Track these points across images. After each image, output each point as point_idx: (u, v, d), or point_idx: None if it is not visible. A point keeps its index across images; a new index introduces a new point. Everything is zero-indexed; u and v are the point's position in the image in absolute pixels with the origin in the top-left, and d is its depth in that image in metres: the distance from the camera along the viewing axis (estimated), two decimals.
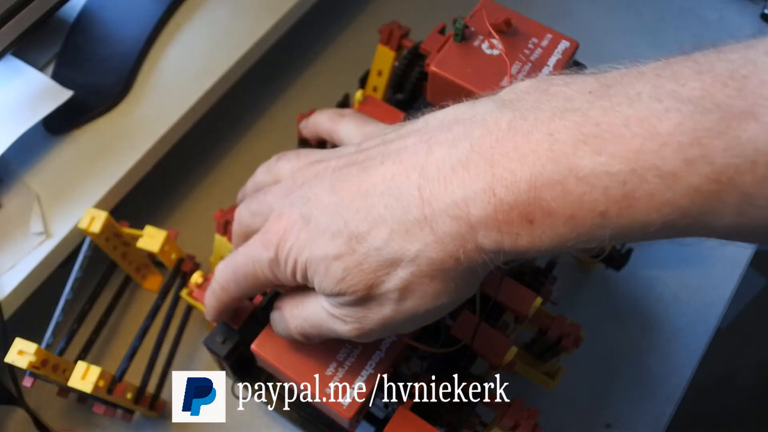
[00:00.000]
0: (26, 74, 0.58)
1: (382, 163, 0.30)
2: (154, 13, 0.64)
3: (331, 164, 0.33)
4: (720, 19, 0.81)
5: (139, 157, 0.56)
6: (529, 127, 0.26)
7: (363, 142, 0.34)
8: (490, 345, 0.41)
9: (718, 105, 0.22)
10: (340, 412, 0.36)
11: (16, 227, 0.53)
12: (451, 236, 0.27)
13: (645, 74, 0.26)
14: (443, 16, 0.80)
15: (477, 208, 0.26)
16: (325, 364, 0.37)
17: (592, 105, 0.25)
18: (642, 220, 0.23)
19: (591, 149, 0.24)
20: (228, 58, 0.61)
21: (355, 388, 0.37)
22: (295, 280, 0.32)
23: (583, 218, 0.24)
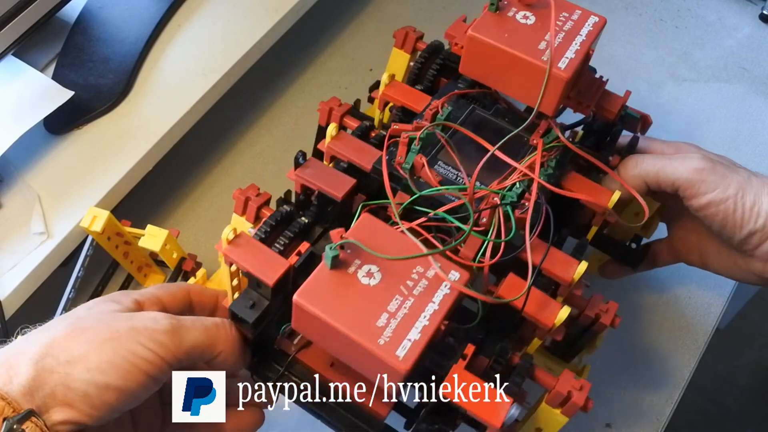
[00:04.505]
0: (27, 75, 0.58)
1: None
2: (154, 13, 0.64)
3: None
4: (719, 20, 0.81)
5: (139, 157, 0.57)
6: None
7: None
8: (541, 308, 0.39)
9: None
10: (394, 365, 0.33)
11: (17, 227, 0.53)
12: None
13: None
14: (443, 15, 0.80)
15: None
16: (375, 315, 0.34)
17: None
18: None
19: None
20: (228, 59, 0.62)
21: (411, 338, 0.34)
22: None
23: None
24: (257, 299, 0.39)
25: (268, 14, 0.64)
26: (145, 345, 0.34)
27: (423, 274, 0.36)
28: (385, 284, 0.35)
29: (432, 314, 0.35)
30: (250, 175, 0.66)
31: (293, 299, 0.35)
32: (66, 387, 0.32)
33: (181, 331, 0.36)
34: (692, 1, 0.82)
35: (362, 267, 0.36)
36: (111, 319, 0.36)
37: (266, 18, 0.64)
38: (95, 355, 0.34)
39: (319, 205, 0.44)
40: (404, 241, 0.37)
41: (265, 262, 0.39)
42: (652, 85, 0.75)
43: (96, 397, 0.33)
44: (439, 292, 0.36)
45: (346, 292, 0.35)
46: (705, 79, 0.76)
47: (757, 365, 1.45)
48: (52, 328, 0.35)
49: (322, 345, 0.37)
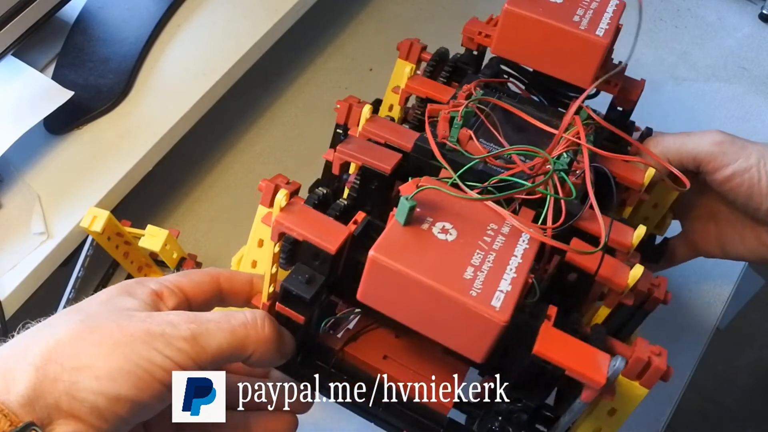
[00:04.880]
0: (27, 75, 0.58)
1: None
2: (154, 13, 0.64)
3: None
4: (719, 19, 0.81)
5: (139, 157, 0.57)
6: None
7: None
8: (612, 270, 0.38)
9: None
10: (492, 316, 0.30)
11: (17, 227, 0.53)
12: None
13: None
14: (443, 15, 0.80)
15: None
16: (460, 269, 0.31)
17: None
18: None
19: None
20: (228, 58, 0.62)
21: (503, 290, 0.31)
22: None
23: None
24: (312, 275, 0.35)
25: (268, 14, 0.64)
26: (161, 352, 0.31)
27: (498, 230, 0.34)
28: (464, 240, 0.33)
29: (518, 267, 0.32)
30: (250, 175, 0.67)
31: (369, 256, 0.31)
32: (71, 397, 0.29)
33: (203, 338, 0.33)
34: (692, 1, 0.82)
35: (435, 224, 0.33)
36: (124, 318, 0.32)
37: (266, 18, 0.64)
38: (105, 361, 0.30)
39: (361, 182, 0.40)
40: (471, 203, 0.35)
41: (323, 228, 0.35)
42: (652, 85, 0.75)
43: (106, 409, 0.30)
44: (519, 247, 0.33)
45: (424, 247, 0.32)
46: (705, 79, 0.76)
47: (757, 365, 1.45)
48: (56, 327, 0.31)
49: (396, 311, 0.33)
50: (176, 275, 0.37)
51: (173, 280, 0.37)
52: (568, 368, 0.32)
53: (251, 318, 0.35)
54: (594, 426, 0.38)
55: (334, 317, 0.40)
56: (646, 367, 0.35)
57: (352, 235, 0.35)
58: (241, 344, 0.34)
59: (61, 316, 0.32)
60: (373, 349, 0.39)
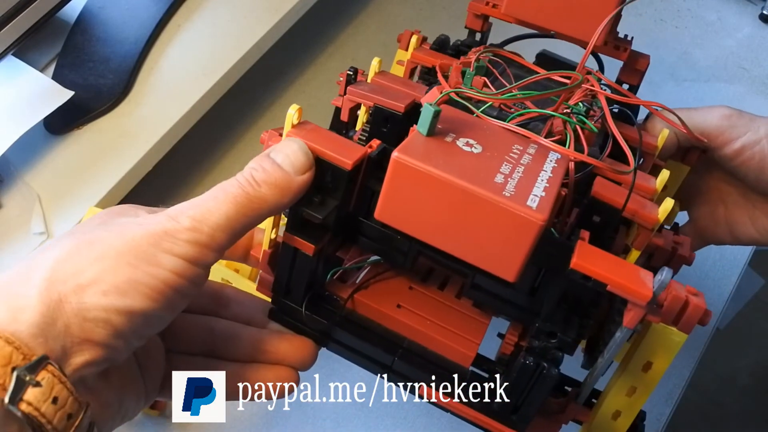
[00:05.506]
0: (27, 75, 0.58)
1: None
2: (154, 13, 0.64)
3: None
4: (719, 20, 0.81)
5: (139, 157, 0.57)
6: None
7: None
8: (640, 206, 0.35)
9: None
10: (529, 214, 0.27)
11: (17, 227, 0.53)
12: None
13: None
14: (443, 15, 0.80)
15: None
16: (490, 174, 0.29)
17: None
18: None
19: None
20: (228, 59, 0.62)
21: (537, 194, 0.28)
22: None
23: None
24: (324, 198, 0.32)
25: (268, 14, 0.64)
26: (169, 251, 0.28)
27: (524, 150, 0.31)
28: (490, 153, 0.30)
29: (549, 179, 0.30)
30: None
31: (392, 158, 0.28)
32: (82, 318, 0.26)
33: (207, 220, 0.29)
34: (692, 2, 0.82)
35: (459, 139, 0.30)
36: (122, 227, 0.29)
37: (266, 18, 0.64)
38: (111, 274, 0.27)
39: (372, 126, 0.37)
40: (494, 128, 0.33)
41: (338, 145, 0.32)
42: (652, 85, 0.75)
43: (120, 325, 0.27)
44: (547, 164, 0.31)
45: (450, 155, 0.29)
46: (705, 79, 0.76)
47: (757, 365, 1.45)
48: (53, 248, 0.28)
49: (419, 227, 0.30)
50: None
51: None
52: (610, 282, 0.29)
53: (248, 174, 0.31)
54: (628, 385, 0.35)
55: (341, 268, 0.37)
56: (682, 309, 0.32)
57: (369, 157, 0.32)
58: (248, 206, 0.30)
59: (58, 239, 0.29)
60: (386, 298, 0.36)
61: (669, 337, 0.34)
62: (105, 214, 0.31)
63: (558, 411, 0.35)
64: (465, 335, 0.35)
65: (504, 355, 0.35)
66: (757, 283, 1.49)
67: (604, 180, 0.35)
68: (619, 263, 0.30)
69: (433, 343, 0.35)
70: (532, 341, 0.32)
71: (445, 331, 0.35)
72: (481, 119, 0.33)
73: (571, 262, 0.29)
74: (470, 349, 0.35)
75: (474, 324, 0.36)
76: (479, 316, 0.37)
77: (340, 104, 0.40)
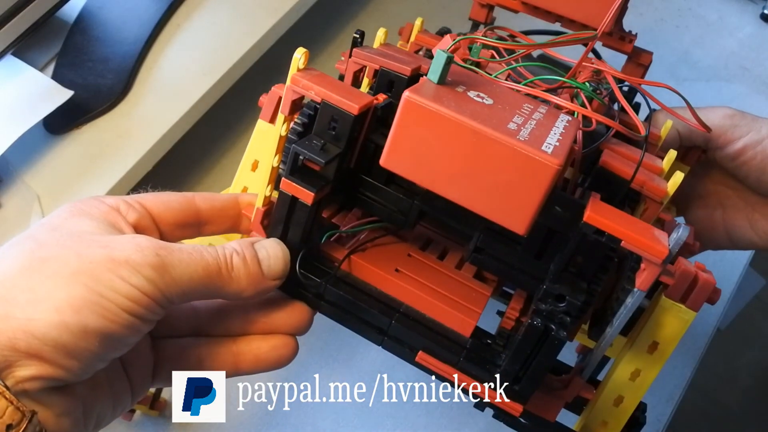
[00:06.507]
0: (27, 74, 0.58)
1: None
2: (153, 13, 0.64)
3: None
4: (720, 19, 0.81)
5: (139, 157, 0.56)
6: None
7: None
8: (648, 178, 0.34)
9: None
10: (544, 158, 0.26)
11: (17, 227, 0.53)
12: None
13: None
14: (443, 15, 0.80)
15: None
16: (503, 121, 0.27)
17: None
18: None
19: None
20: (228, 59, 0.61)
21: (551, 143, 0.27)
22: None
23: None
24: (326, 144, 0.30)
25: (268, 14, 0.64)
26: (127, 280, 0.27)
27: (535, 109, 0.30)
28: (501, 106, 0.29)
29: (561, 133, 0.28)
30: None
31: (403, 98, 0.27)
32: (29, 335, 0.25)
33: (173, 268, 0.28)
34: (693, 1, 0.82)
35: (470, 91, 0.29)
36: (81, 244, 0.28)
37: (266, 18, 0.64)
38: (64, 291, 0.26)
39: (378, 87, 0.35)
40: (503, 88, 0.32)
41: (345, 91, 0.30)
42: None
43: (72, 345, 0.26)
44: (558, 122, 0.30)
45: (461, 102, 0.28)
46: (706, 79, 0.76)
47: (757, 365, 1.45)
48: (3, 260, 0.27)
49: (428, 174, 0.28)
50: (144, 194, 0.33)
51: (139, 199, 0.32)
52: (624, 237, 0.27)
53: (228, 253, 0.31)
54: (632, 367, 0.34)
55: (338, 231, 0.36)
56: (692, 285, 0.31)
57: (375, 107, 0.31)
58: (214, 281, 0.30)
59: (9, 247, 0.28)
60: (383, 262, 0.35)
61: (677, 314, 0.32)
62: (65, 214, 0.30)
63: (561, 387, 0.34)
64: (466, 303, 0.34)
65: (504, 330, 0.34)
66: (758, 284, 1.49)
67: (612, 152, 0.34)
68: (633, 220, 0.29)
69: (432, 309, 0.34)
70: (539, 304, 0.30)
71: (445, 298, 0.34)
72: (491, 80, 0.32)
73: (585, 215, 0.28)
74: (471, 317, 0.33)
75: (474, 294, 0.35)
76: (480, 288, 0.36)
77: (343, 69, 0.39)
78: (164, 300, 0.28)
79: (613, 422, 0.35)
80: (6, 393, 0.25)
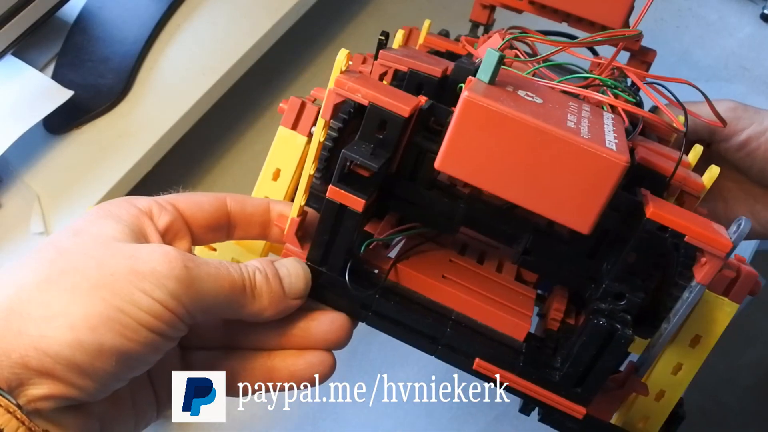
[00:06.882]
0: (27, 74, 0.58)
1: None
2: (153, 13, 0.64)
3: None
4: (720, 19, 0.81)
5: (139, 157, 0.56)
6: None
7: None
8: (685, 174, 0.34)
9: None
10: (610, 155, 0.26)
11: (17, 227, 0.53)
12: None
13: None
14: (443, 15, 0.80)
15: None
16: (561, 120, 0.27)
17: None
18: None
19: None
20: (228, 58, 0.61)
21: (610, 141, 0.27)
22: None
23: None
24: (374, 150, 0.29)
25: (268, 14, 0.64)
26: (149, 294, 0.26)
27: (580, 107, 0.30)
28: (551, 105, 0.29)
29: (614, 130, 0.28)
30: (249, 175, 0.66)
31: (462, 98, 0.26)
32: (41, 352, 0.24)
33: (199, 282, 0.27)
34: (693, 1, 0.82)
35: (519, 90, 0.29)
36: (105, 252, 0.27)
37: (266, 18, 0.64)
38: (81, 307, 0.25)
39: (407, 89, 0.34)
40: (542, 86, 0.31)
41: (390, 93, 0.29)
42: None
43: (86, 365, 0.25)
44: (606, 119, 0.30)
45: (517, 101, 0.27)
46: (706, 79, 0.76)
47: (758, 365, 1.45)
48: (20, 270, 0.26)
49: (486, 176, 0.27)
50: (175, 195, 0.32)
51: (171, 200, 0.31)
52: (689, 231, 0.27)
53: (251, 270, 0.30)
54: (675, 362, 0.34)
55: (376, 239, 0.34)
56: (734, 278, 0.31)
57: (420, 110, 0.30)
58: (238, 298, 0.29)
59: (30, 257, 0.27)
60: (429, 269, 0.34)
61: (720, 307, 0.32)
62: (92, 216, 0.29)
63: (616, 387, 0.33)
64: (517, 307, 0.33)
65: (551, 332, 0.34)
66: None
67: (646, 149, 0.34)
68: (692, 215, 0.29)
69: (485, 315, 0.33)
70: (598, 304, 0.30)
71: (496, 303, 0.33)
72: (531, 79, 0.32)
73: (648, 212, 0.28)
74: (525, 321, 0.32)
75: (521, 297, 0.34)
76: (524, 290, 0.35)
77: (365, 69, 0.38)
78: (187, 316, 0.27)
79: (654, 417, 0.34)
80: (17, 413, 0.24)
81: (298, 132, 0.36)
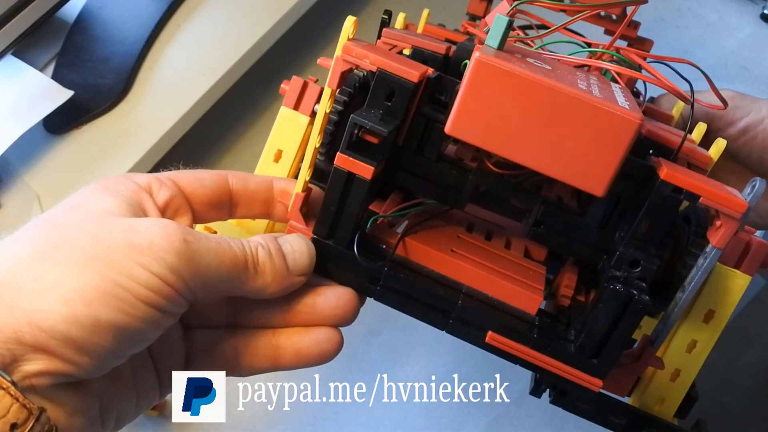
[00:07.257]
0: (27, 74, 0.58)
1: None
2: (153, 13, 0.64)
3: None
4: (720, 19, 0.81)
5: (139, 157, 0.56)
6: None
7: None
8: (691, 147, 0.33)
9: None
10: (625, 114, 0.25)
11: (17, 227, 0.53)
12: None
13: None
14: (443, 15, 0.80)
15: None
16: (572, 83, 0.27)
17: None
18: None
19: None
20: (228, 58, 0.62)
21: (621, 103, 0.26)
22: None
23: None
24: (383, 117, 0.29)
25: (268, 14, 0.64)
26: (147, 268, 0.25)
27: (588, 76, 0.30)
28: (561, 72, 0.28)
29: (623, 95, 0.28)
30: None
31: (473, 59, 0.25)
32: (36, 327, 0.23)
33: (199, 257, 0.26)
34: (693, 1, 0.82)
35: (527, 58, 0.28)
36: (101, 226, 0.26)
37: (266, 18, 0.64)
38: (76, 280, 0.24)
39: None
40: (549, 57, 0.31)
41: (398, 60, 0.29)
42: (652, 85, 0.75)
43: (83, 339, 0.24)
44: (615, 88, 0.29)
45: (528, 65, 0.27)
46: None
47: (758, 365, 1.45)
48: (14, 245, 0.26)
49: (498, 139, 0.27)
50: (175, 172, 0.31)
51: (166, 173, 0.30)
52: (704, 192, 0.27)
53: (253, 246, 0.29)
54: (689, 338, 0.33)
55: (382, 216, 0.33)
56: (745, 250, 0.30)
57: (428, 79, 0.29)
58: (240, 274, 0.28)
59: (25, 231, 0.26)
60: (437, 243, 0.33)
61: (732, 279, 0.31)
62: (88, 192, 0.28)
63: (631, 361, 0.32)
64: (528, 281, 0.33)
65: (562, 307, 0.33)
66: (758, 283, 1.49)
67: (651, 123, 0.34)
68: (703, 177, 0.28)
69: (496, 289, 0.32)
70: (612, 271, 0.29)
71: (507, 277, 0.32)
72: (536, 52, 0.32)
73: (661, 173, 0.27)
74: (537, 294, 0.32)
75: (532, 272, 0.34)
76: (534, 266, 0.34)
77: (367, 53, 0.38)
78: (187, 291, 0.26)
79: (670, 398, 0.34)
80: (11, 389, 0.23)
81: (300, 112, 0.35)
